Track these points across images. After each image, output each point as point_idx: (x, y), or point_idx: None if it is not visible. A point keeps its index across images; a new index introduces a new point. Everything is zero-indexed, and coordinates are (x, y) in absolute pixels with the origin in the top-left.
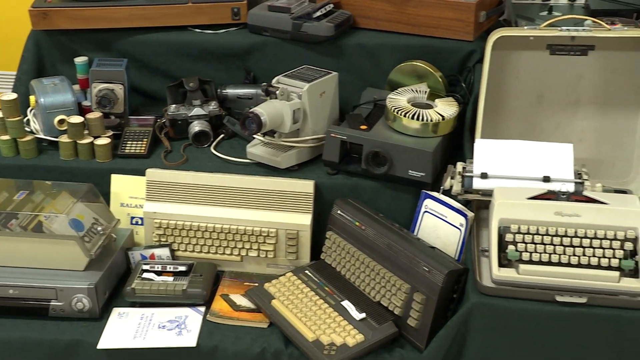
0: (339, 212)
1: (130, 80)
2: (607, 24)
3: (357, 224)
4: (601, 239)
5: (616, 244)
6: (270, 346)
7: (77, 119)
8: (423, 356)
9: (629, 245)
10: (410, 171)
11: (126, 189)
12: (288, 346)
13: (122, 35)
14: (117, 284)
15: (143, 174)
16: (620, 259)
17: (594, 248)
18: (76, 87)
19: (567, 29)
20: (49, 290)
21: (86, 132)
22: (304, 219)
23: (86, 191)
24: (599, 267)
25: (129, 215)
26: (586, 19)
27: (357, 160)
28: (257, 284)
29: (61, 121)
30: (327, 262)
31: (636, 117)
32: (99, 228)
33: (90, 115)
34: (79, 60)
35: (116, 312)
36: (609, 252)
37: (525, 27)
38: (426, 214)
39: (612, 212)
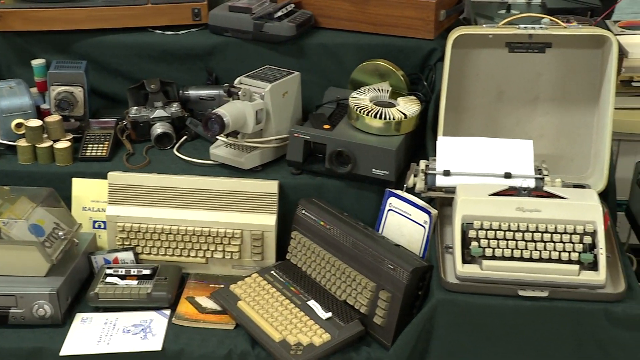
0: (303, 211)
1: (90, 82)
2: (563, 22)
3: (321, 223)
4: (561, 233)
5: (575, 237)
6: (237, 348)
7: (35, 123)
8: (389, 354)
9: (587, 239)
10: (374, 170)
11: (88, 193)
12: (255, 347)
13: (80, 36)
14: (79, 289)
15: (105, 178)
16: (579, 252)
17: (554, 242)
18: (34, 90)
19: (525, 27)
20: (8, 298)
21: (45, 135)
22: (269, 220)
23: (46, 196)
24: (559, 261)
25: (91, 219)
26: (543, 17)
27: (320, 159)
28: (222, 286)
29: (19, 125)
30: (292, 262)
31: (593, 113)
32: (60, 233)
33: (49, 119)
34: (36, 62)
35: (79, 317)
36: (568, 246)
37: (484, 26)
38: (390, 212)
39: (572, 207)
